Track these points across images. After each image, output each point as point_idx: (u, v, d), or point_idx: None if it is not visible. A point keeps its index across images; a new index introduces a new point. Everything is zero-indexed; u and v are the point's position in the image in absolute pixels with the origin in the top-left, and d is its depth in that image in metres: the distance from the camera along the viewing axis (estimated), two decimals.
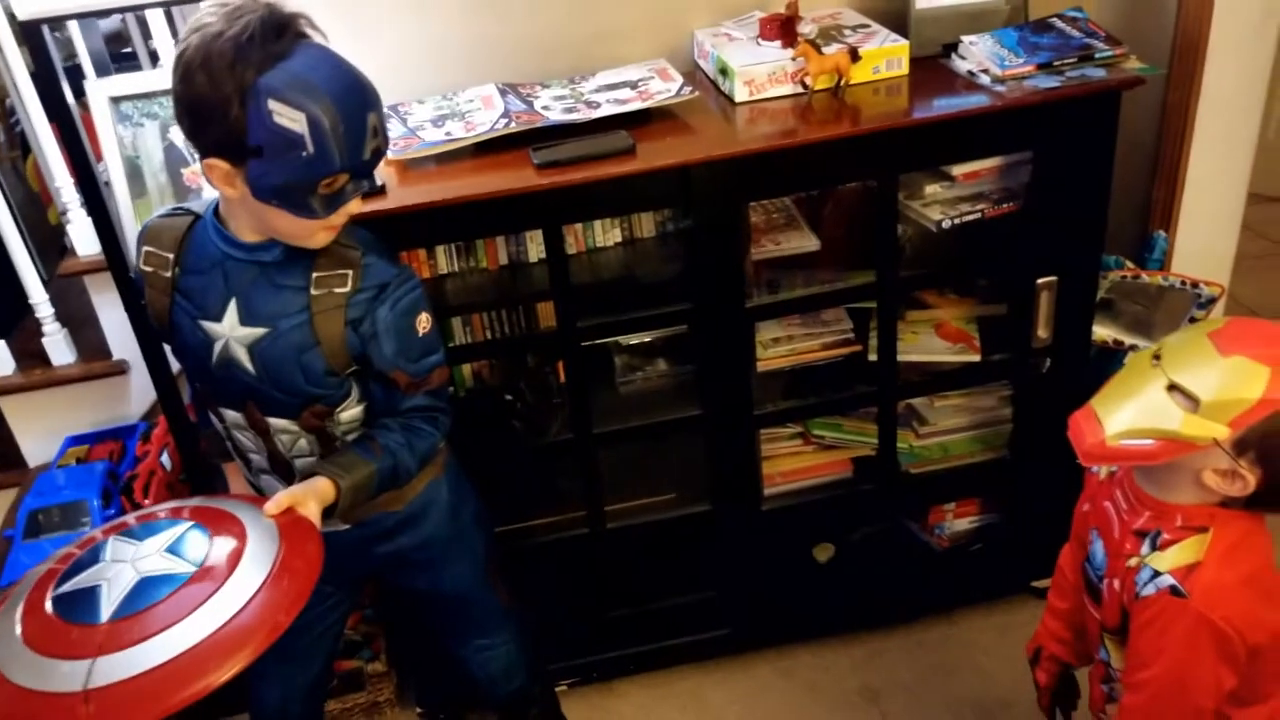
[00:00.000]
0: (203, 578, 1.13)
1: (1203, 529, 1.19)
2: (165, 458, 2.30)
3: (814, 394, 2.03)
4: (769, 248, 1.94)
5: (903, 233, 2.02)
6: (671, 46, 2.04)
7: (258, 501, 1.30)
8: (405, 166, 1.77)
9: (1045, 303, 1.91)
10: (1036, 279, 1.89)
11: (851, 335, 2.05)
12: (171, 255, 1.39)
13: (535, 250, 1.96)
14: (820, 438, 2.14)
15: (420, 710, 2.20)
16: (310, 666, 1.69)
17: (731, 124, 1.79)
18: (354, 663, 2.20)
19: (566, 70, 2.00)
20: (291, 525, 1.24)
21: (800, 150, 1.70)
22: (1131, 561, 1.24)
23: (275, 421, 1.43)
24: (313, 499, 1.30)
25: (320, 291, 1.36)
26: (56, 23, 1.82)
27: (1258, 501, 1.17)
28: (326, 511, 1.33)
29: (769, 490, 2.11)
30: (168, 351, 1.84)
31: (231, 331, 1.38)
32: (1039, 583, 2.24)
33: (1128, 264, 2.18)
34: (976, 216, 1.87)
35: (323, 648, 1.69)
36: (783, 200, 2.06)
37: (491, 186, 1.65)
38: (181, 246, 1.39)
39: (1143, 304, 2.13)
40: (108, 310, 2.39)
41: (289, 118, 1.20)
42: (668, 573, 2.18)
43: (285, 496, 1.29)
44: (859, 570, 2.24)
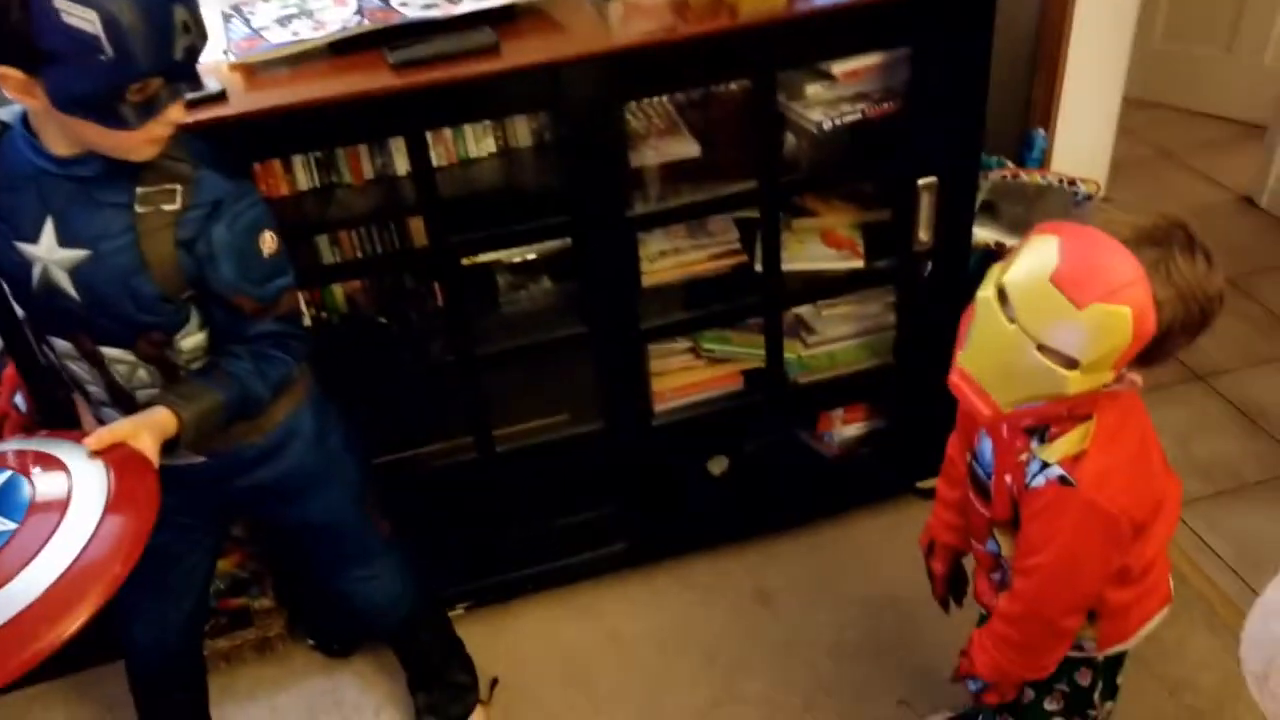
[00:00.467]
0: (25, 533, 1.04)
1: (1087, 416, 1.21)
2: (20, 399, 2.16)
3: (702, 307, 2.00)
4: (649, 154, 1.88)
5: (792, 141, 1.99)
6: None
7: (79, 437, 1.21)
8: (252, 71, 1.64)
9: (926, 204, 1.90)
10: (917, 180, 1.87)
11: (738, 246, 2.02)
12: None
13: (403, 163, 1.85)
14: (710, 352, 2.12)
15: (313, 643, 2.15)
16: (183, 602, 1.63)
17: (604, 20, 1.71)
18: (241, 600, 2.13)
19: None
20: (122, 462, 1.15)
21: (676, 47, 1.64)
22: (1022, 456, 1.26)
23: (109, 351, 1.33)
24: (146, 431, 1.22)
25: (146, 209, 1.25)
26: None
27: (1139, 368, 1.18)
28: (169, 444, 1.25)
29: (660, 406, 2.09)
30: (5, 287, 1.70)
31: (49, 254, 1.26)
32: (924, 483, 2.29)
33: (1008, 164, 2.19)
34: (857, 116, 1.84)
35: (194, 582, 1.63)
36: (664, 106, 1.99)
37: (343, 89, 1.55)
38: None
39: (1022, 205, 2.15)
40: None
41: (80, 16, 1.07)
42: (562, 492, 2.16)
43: (108, 432, 1.20)
44: (752, 480, 2.26)
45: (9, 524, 1.06)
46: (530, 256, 2.07)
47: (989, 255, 2.11)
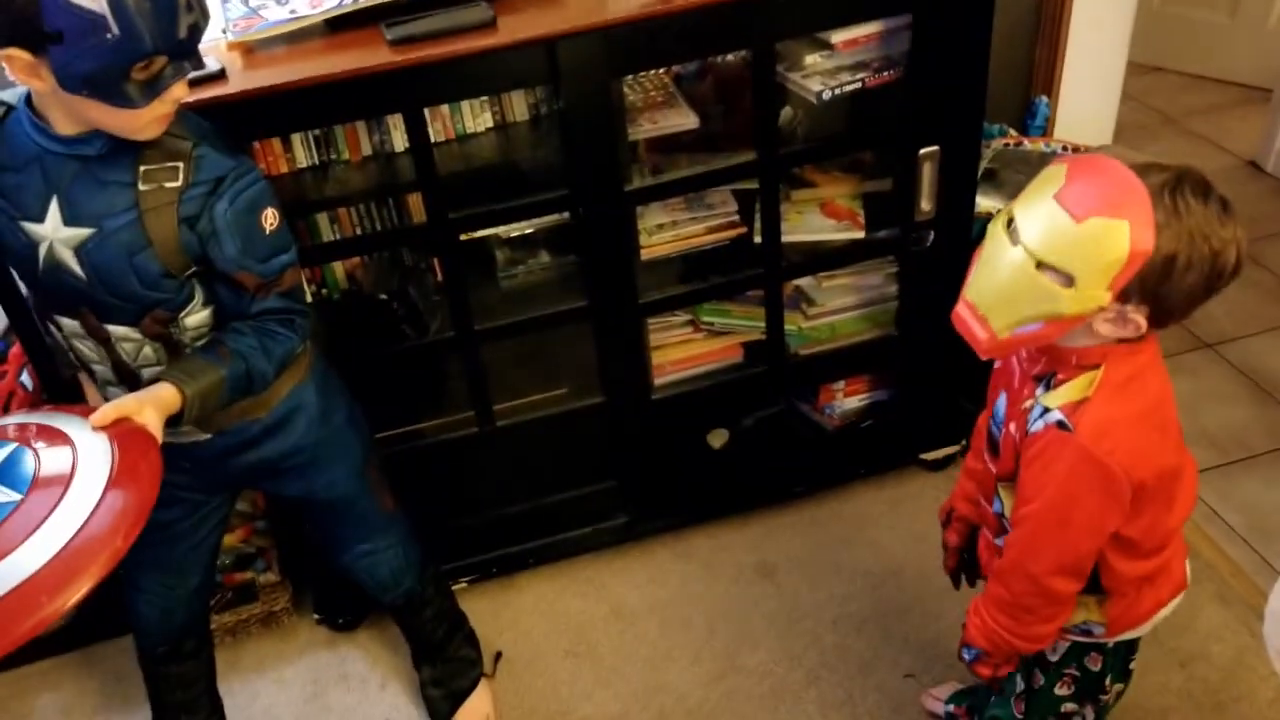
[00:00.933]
0: (28, 505, 1.05)
1: (1095, 366, 1.19)
2: (25, 378, 2.17)
3: (701, 280, 2.00)
4: (647, 127, 1.87)
5: (792, 114, 1.97)
6: None
7: (84, 412, 1.22)
8: (250, 50, 1.63)
9: (928, 174, 1.88)
10: (919, 149, 1.86)
11: (737, 217, 2.01)
12: None
13: (401, 139, 1.84)
14: (709, 324, 2.11)
15: (318, 617, 2.17)
16: (188, 578, 1.64)
17: None
18: (246, 575, 2.15)
19: None
20: (126, 436, 1.16)
21: (673, 19, 1.62)
22: (1026, 404, 1.25)
23: (115, 329, 1.34)
24: (151, 407, 1.22)
25: (148, 187, 1.26)
26: None
27: (1153, 326, 1.17)
28: (173, 420, 1.26)
29: (660, 379, 2.08)
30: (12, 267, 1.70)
31: (55, 233, 1.27)
32: (928, 455, 2.29)
33: (1010, 131, 2.17)
34: (857, 86, 1.82)
35: (200, 559, 1.64)
36: (661, 78, 1.97)
37: (341, 66, 1.54)
38: None
39: (1025, 173, 2.13)
40: None
41: None
42: (563, 466, 2.16)
43: (112, 407, 1.21)
44: (753, 453, 2.25)
45: (13, 495, 1.07)
46: (528, 231, 2.07)
47: None
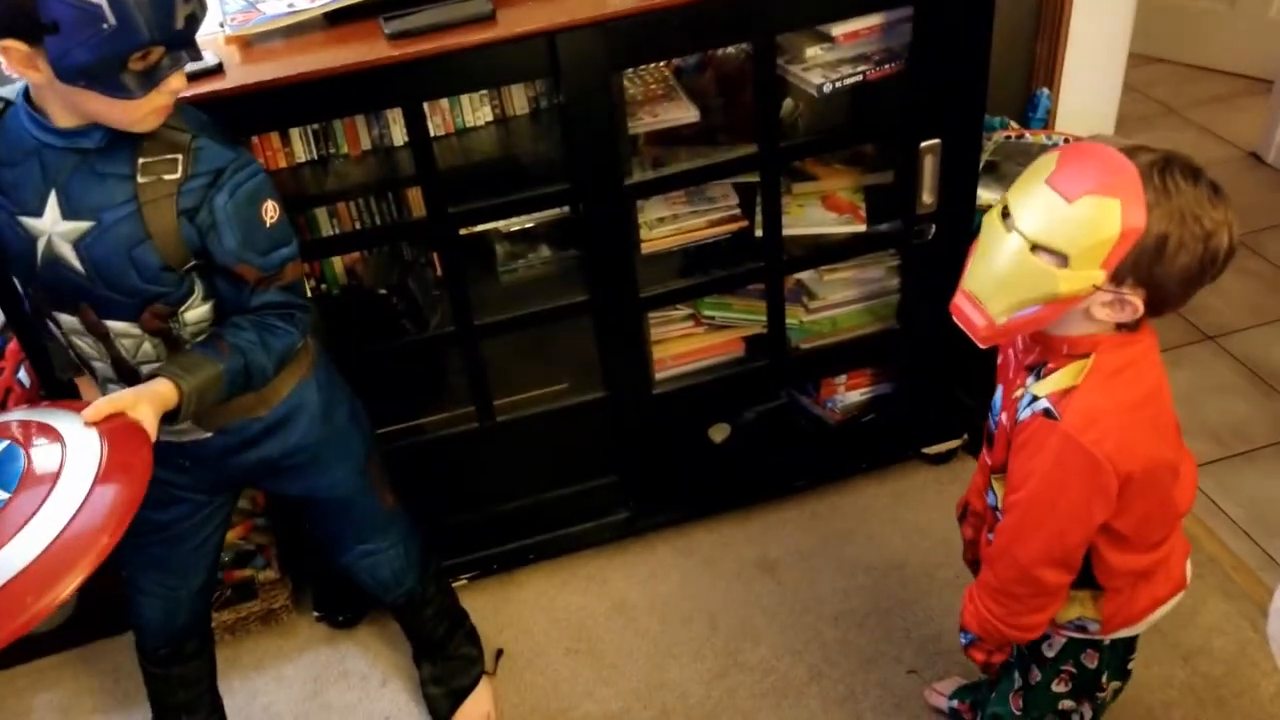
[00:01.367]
0: (16, 503, 1.04)
1: (1086, 355, 1.19)
2: (23, 374, 2.15)
3: (702, 274, 1.99)
4: (647, 120, 1.86)
5: (793, 106, 1.96)
6: None
7: (78, 408, 1.20)
8: (247, 43, 1.63)
9: (929, 167, 1.87)
10: (920, 142, 1.85)
11: (738, 211, 2.00)
12: None
13: (400, 133, 1.83)
14: (710, 319, 2.10)
15: (318, 614, 2.16)
16: (191, 579, 1.63)
17: None
18: (246, 572, 2.14)
19: None
20: (117, 432, 1.14)
21: (673, 11, 1.61)
22: (1018, 393, 1.25)
23: (114, 325, 1.33)
24: (146, 402, 1.21)
25: (148, 179, 1.25)
26: None
27: (1150, 313, 1.18)
28: (171, 416, 1.25)
29: (661, 374, 2.08)
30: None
31: (53, 227, 1.26)
32: (930, 449, 2.28)
33: (1011, 124, 2.16)
34: (858, 78, 1.81)
35: (202, 559, 1.63)
36: (662, 71, 1.96)
37: (339, 61, 1.52)
38: None
39: (1026, 166, 2.11)
40: None
41: None
42: (563, 461, 2.15)
43: (106, 403, 1.20)
44: (754, 448, 2.25)
45: (1, 494, 1.06)
46: (528, 225, 2.06)
47: None
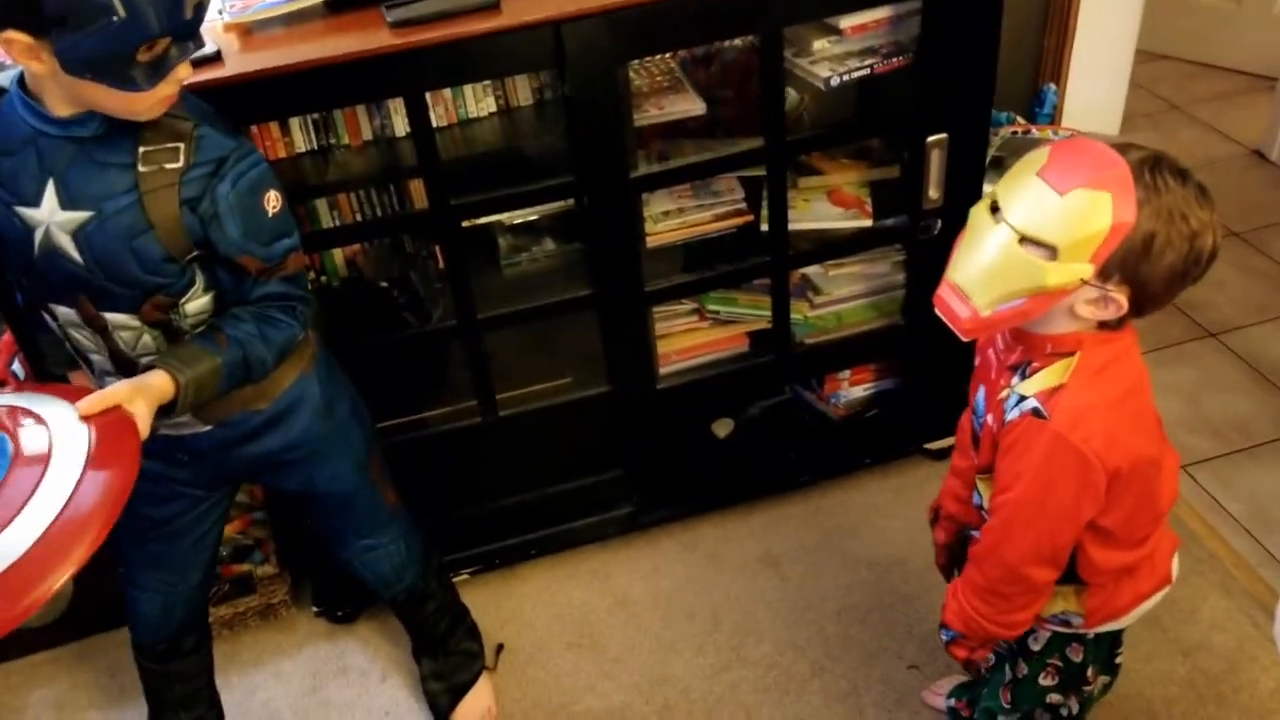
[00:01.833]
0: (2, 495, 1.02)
1: (1070, 354, 1.19)
2: (16, 366, 2.13)
3: (707, 268, 1.97)
4: (653, 113, 1.84)
5: (799, 99, 1.94)
6: None
7: (69, 394, 1.18)
8: (247, 31, 1.60)
9: (936, 162, 1.86)
10: (927, 137, 1.83)
11: (744, 205, 1.98)
12: None
13: (401, 123, 1.81)
14: (715, 313, 2.09)
15: (317, 609, 2.14)
16: (188, 575, 1.61)
17: None
18: (244, 567, 2.12)
19: None
20: (107, 425, 1.12)
21: (680, 3, 1.59)
22: (1003, 394, 1.25)
23: (113, 317, 1.30)
24: (141, 396, 1.19)
25: (149, 168, 1.22)
26: None
27: (1133, 313, 1.17)
28: (167, 409, 1.23)
29: (666, 369, 2.06)
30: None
31: (51, 217, 1.24)
32: (933, 444, 2.27)
33: (1018, 120, 2.15)
34: (865, 72, 1.79)
35: (200, 555, 1.61)
36: (668, 64, 1.95)
37: (340, 49, 1.50)
38: None
39: None
40: None
41: None
42: (567, 456, 2.14)
43: (99, 397, 1.17)
44: (758, 443, 2.23)
45: None
46: (532, 218, 2.04)
47: None
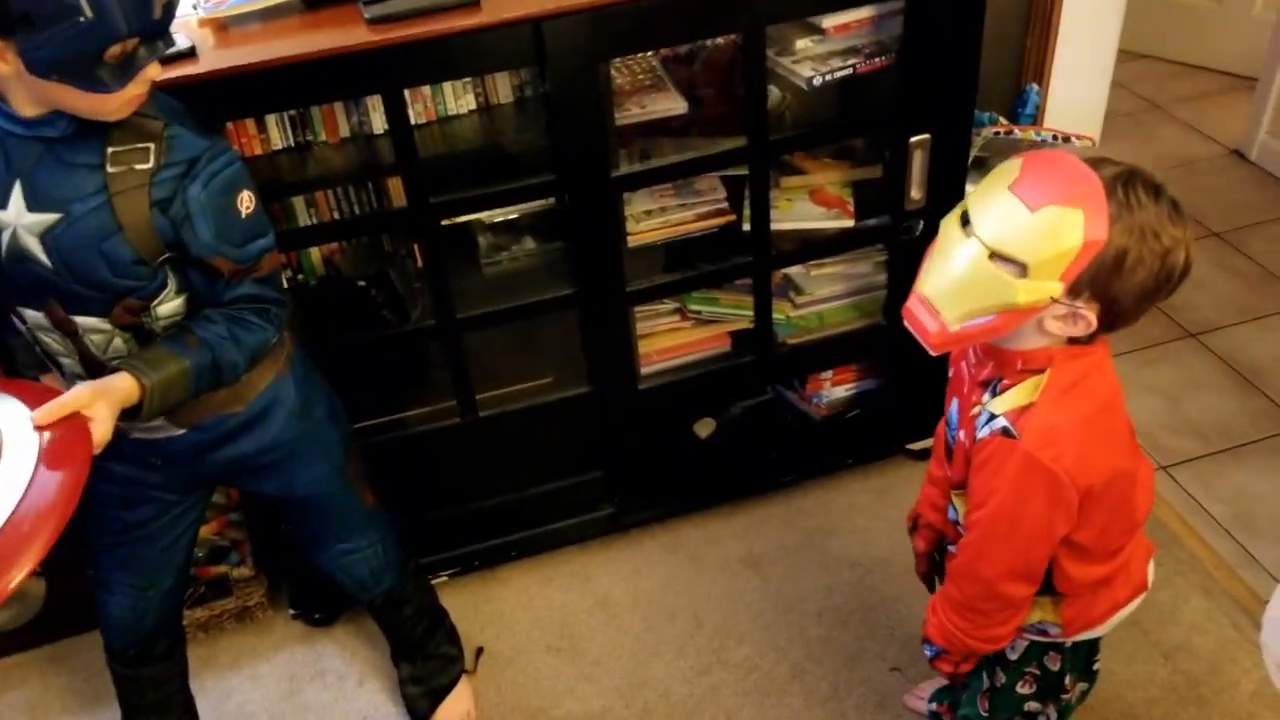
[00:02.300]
0: None
1: (1040, 371, 1.19)
2: None
3: (689, 268, 1.96)
4: (634, 111, 1.83)
5: (781, 98, 1.93)
6: None
7: (27, 392, 1.15)
8: (222, 26, 1.58)
9: (918, 162, 1.86)
10: (909, 137, 1.83)
11: (725, 205, 1.97)
12: None
13: (380, 121, 1.79)
14: (697, 313, 2.08)
15: (294, 612, 2.12)
16: (161, 580, 1.59)
17: None
18: (220, 569, 2.10)
19: None
20: (59, 430, 1.10)
21: (661, 1, 1.58)
22: (975, 410, 1.24)
23: (84, 320, 1.28)
24: (102, 399, 1.17)
25: (118, 169, 1.20)
26: None
27: (1102, 329, 1.17)
28: (133, 412, 1.20)
29: (647, 369, 2.05)
30: None
31: (18, 219, 1.21)
32: (915, 444, 2.27)
33: (1000, 120, 2.15)
34: (848, 72, 1.79)
35: (173, 559, 1.58)
36: (650, 62, 1.93)
37: (317, 45, 1.48)
38: None
39: None
40: None
41: None
42: (547, 456, 2.12)
43: (58, 404, 1.15)
44: (740, 443, 2.22)
45: None
46: (512, 216, 2.02)
47: None
